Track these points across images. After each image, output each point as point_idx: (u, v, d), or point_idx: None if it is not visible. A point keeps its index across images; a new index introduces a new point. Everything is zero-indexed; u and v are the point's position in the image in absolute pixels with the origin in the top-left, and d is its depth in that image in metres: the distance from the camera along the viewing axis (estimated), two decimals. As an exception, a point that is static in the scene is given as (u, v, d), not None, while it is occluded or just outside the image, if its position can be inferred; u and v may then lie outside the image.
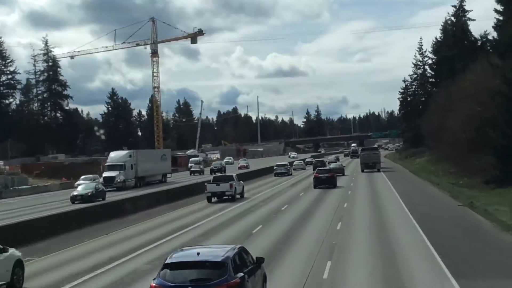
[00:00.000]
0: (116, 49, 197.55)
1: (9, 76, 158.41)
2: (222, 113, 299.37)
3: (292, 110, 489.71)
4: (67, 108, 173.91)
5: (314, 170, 72.24)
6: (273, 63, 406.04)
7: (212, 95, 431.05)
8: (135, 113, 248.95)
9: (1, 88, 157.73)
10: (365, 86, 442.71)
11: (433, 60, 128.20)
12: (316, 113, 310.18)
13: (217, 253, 14.88)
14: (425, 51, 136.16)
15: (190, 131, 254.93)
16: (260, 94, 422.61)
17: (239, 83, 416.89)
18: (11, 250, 20.53)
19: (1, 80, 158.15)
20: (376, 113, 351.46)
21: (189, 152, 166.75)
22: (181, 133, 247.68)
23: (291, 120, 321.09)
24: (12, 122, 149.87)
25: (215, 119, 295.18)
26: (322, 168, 68.16)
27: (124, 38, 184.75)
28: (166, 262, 14.54)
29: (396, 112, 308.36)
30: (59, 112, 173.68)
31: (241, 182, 55.42)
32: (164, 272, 14.22)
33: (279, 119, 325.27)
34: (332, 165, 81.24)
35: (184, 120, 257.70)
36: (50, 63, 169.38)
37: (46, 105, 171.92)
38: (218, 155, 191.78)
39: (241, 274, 14.40)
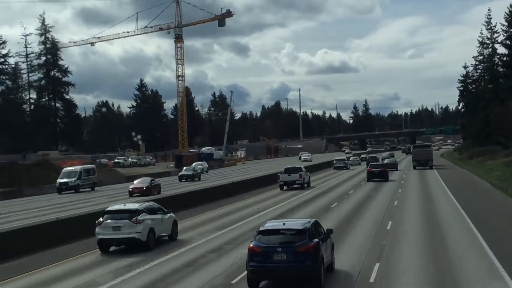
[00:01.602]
0: (137, 34, 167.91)
1: (0, 60, 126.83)
2: (266, 108, 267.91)
3: (341, 106, 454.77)
4: (67, 97, 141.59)
5: (367, 165, 71.93)
6: (323, 59, 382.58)
7: (262, 91, 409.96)
8: (170, 107, 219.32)
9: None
10: (417, 82, 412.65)
11: (508, 33, 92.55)
12: (364, 108, 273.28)
13: (298, 224, 18.45)
14: (494, 26, 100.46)
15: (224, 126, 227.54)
16: (310, 90, 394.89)
17: (289, 80, 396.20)
18: (171, 213, 27.89)
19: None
20: (429, 109, 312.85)
21: (204, 149, 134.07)
22: (216, 128, 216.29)
23: (339, 116, 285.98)
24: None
25: (259, 114, 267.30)
26: (375, 163, 70.55)
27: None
28: (260, 229, 17.97)
29: (452, 107, 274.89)
30: (59, 102, 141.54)
31: (308, 173, 59.10)
32: (259, 237, 17.51)
33: (327, 115, 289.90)
34: (386, 160, 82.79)
35: (219, 114, 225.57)
36: (48, 45, 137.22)
37: (43, 93, 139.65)
38: (243, 153, 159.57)
39: (316, 239, 17.56)
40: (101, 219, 25.48)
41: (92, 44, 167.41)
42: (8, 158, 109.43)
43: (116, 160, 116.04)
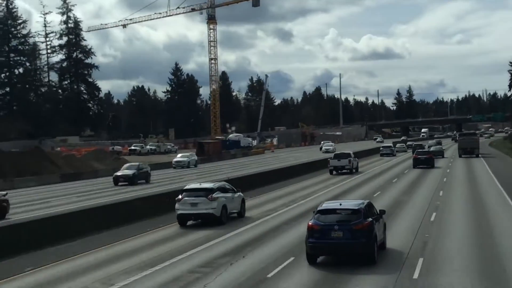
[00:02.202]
0: (170, 15, 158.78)
1: (21, 40, 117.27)
2: (308, 94, 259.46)
3: (385, 93, 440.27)
4: (90, 80, 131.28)
5: (413, 152, 72.36)
6: (367, 45, 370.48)
7: (306, 77, 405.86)
8: (206, 92, 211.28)
9: (11, 54, 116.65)
10: (464, 68, 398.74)
11: None
12: (408, 94, 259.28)
13: (353, 204, 20.24)
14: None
15: (265, 112, 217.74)
16: (354, 76, 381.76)
17: (333, 66, 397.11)
18: (240, 192, 30.71)
19: (11, 44, 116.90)
20: (477, 95, 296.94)
21: (231, 136, 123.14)
22: (253, 114, 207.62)
23: (383, 103, 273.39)
24: (14, 95, 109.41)
25: (299, 100, 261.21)
26: (421, 150, 71.43)
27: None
28: (318, 209, 19.70)
29: (501, 93, 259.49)
30: (82, 85, 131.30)
31: (356, 158, 61.65)
32: (317, 216, 19.20)
33: (369, 102, 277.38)
34: (432, 148, 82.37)
35: (257, 99, 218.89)
36: (70, 25, 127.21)
37: (65, 76, 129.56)
38: (275, 140, 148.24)
39: (370, 219, 19.12)
40: (180, 196, 28.20)
41: (124, 26, 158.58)
42: (24, 144, 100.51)
43: (132, 147, 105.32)
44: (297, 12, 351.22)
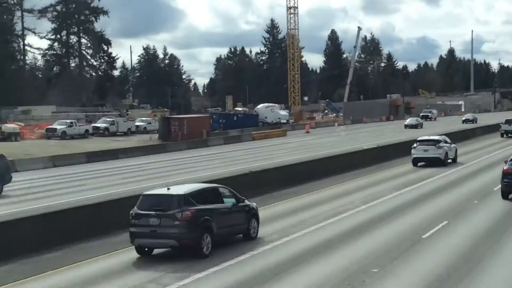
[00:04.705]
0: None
1: None
2: (443, 57, 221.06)
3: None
4: (97, 30, 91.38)
5: None
6: None
7: (454, 43, 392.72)
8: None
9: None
10: None
11: None
12: None
13: None
14: None
15: (377, 77, 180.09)
16: (507, 41, 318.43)
17: (484, 30, 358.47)
18: (454, 144, 41.59)
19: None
20: None
21: (259, 107, 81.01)
22: (362, 78, 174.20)
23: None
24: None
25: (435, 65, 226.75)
26: None
27: None
28: (511, 158, 26.77)
29: None
30: (84, 36, 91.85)
31: None
32: (511, 162, 25.03)
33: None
34: None
35: (371, 62, 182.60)
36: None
37: (61, 24, 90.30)
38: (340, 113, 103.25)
39: None
40: (415, 145, 39.11)
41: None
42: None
43: (51, 126, 62.01)
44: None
